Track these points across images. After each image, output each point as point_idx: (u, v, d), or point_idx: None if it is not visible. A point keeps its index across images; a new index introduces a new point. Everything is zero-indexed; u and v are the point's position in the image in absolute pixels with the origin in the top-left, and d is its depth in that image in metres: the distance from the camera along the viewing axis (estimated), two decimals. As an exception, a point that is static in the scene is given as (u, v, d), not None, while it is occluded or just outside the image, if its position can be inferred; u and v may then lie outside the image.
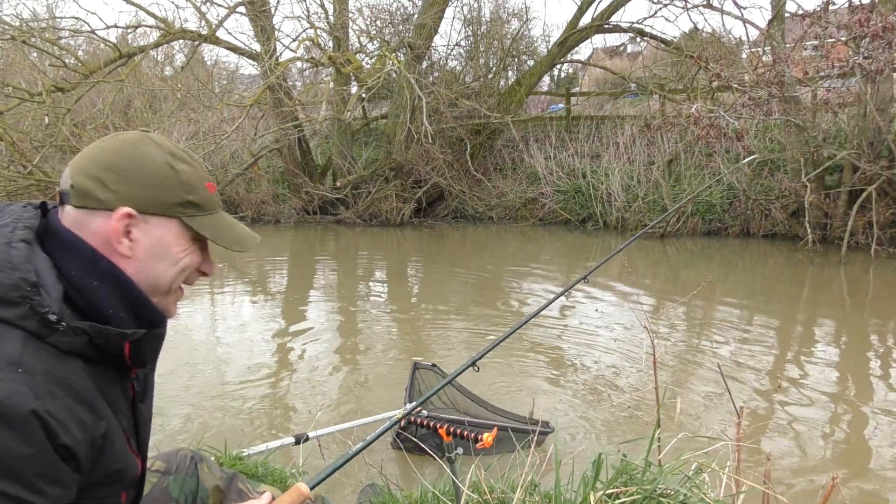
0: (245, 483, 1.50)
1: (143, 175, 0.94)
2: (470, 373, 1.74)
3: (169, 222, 0.96)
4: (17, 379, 0.79)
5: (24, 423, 0.78)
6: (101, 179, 0.92)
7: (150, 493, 1.33)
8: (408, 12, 11.69)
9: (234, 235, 1.05)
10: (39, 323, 0.84)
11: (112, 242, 0.92)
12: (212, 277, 4.75)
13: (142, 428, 1.08)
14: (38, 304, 0.84)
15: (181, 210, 0.97)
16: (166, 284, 0.99)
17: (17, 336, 0.82)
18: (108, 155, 0.94)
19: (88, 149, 0.96)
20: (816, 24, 7.44)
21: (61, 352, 0.86)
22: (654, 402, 2.56)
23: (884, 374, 4.20)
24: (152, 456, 1.49)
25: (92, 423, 0.88)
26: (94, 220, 0.92)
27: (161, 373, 4.14)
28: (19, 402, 0.78)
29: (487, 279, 7.39)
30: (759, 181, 9.36)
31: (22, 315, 0.83)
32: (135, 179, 0.93)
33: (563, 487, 1.66)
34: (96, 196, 0.92)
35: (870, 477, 2.94)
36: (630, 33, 11.52)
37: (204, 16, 10.57)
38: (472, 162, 11.18)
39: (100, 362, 0.93)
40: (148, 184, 0.94)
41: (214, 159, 11.55)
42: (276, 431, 3.34)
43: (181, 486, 1.38)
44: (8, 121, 9.67)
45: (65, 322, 0.86)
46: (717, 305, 5.85)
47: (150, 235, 0.95)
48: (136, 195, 0.93)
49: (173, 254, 0.98)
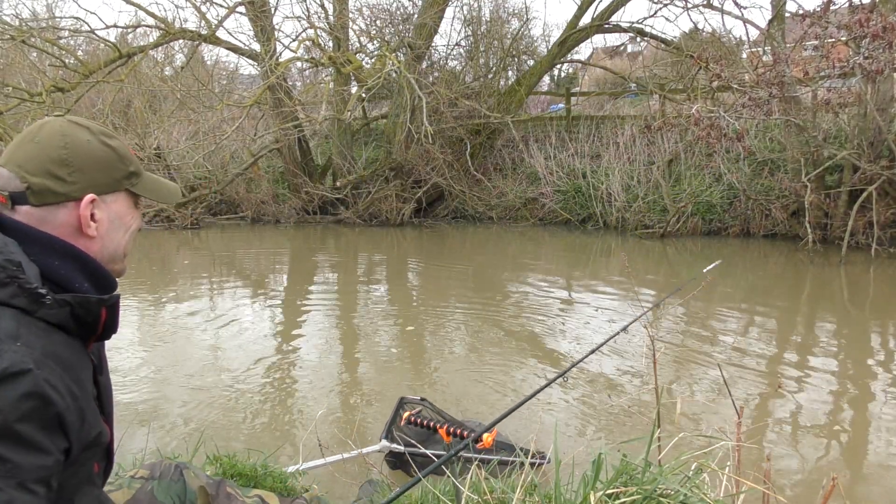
0: (235, 489, 1.51)
1: (92, 160, 1.01)
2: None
3: (120, 195, 1.06)
4: (18, 350, 0.84)
5: (27, 391, 0.83)
6: (56, 175, 0.97)
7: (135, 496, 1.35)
8: (408, 12, 11.70)
9: (166, 191, 1.15)
10: (29, 299, 0.89)
11: (81, 228, 1.00)
12: (211, 277, 4.73)
13: (105, 398, 1.13)
14: (25, 282, 0.89)
15: (127, 182, 1.07)
16: (122, 251, 1.09)
17: (10, 313, 0.87)
18: (51, 150, 0.98)
19: (23, 147, 0.99)
20: (816, 24, 7.44)
21: (49, 325, 0.92)
22: (654, 402, 2.56)
23: (884, 374, 4.20)
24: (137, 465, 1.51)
25: (77, 392, 0.93)
26: (58, 213, 0.98)
27: (160, 372, 4.14)
28: (23, 370, 0.83)
29: (488, 279, 7.39)
30: (759, 181, 9.36)
31: (12, 293, 0.88)
32: (87, 167, 1.00)
33: (563, 487, 1.66)
34: (57, 191, 0.97)
35: (870, 477, 2.93)
36: (630, 33, 11.51)
37: (204, 16, 10.57)
38: (472, 162, 11.18)
39: (73, 335, 0.98)
40: (96, 167, 1.01)
41: (214, 159, 11.56)
42: (276, 432, 3.34)
43: (167, 491, 1.41)
44: (8, 121, 9.67)
45: (50, 296, 0.91)
46: (717, 305, 5.85)
47: (108, 212, 1.04)
48: (93, 181, 1.01)
49: (126, 222, 1.08)
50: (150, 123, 11.61)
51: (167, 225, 10.82)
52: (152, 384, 3.97)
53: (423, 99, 9.25)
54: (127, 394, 3.77)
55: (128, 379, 4.02)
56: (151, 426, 3.33)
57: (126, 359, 4.37)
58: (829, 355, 4.61)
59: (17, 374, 0.82)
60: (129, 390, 3.83)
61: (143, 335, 4.95)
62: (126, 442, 3.03)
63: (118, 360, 4.31)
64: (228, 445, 3.03)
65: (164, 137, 11.94)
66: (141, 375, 4.11)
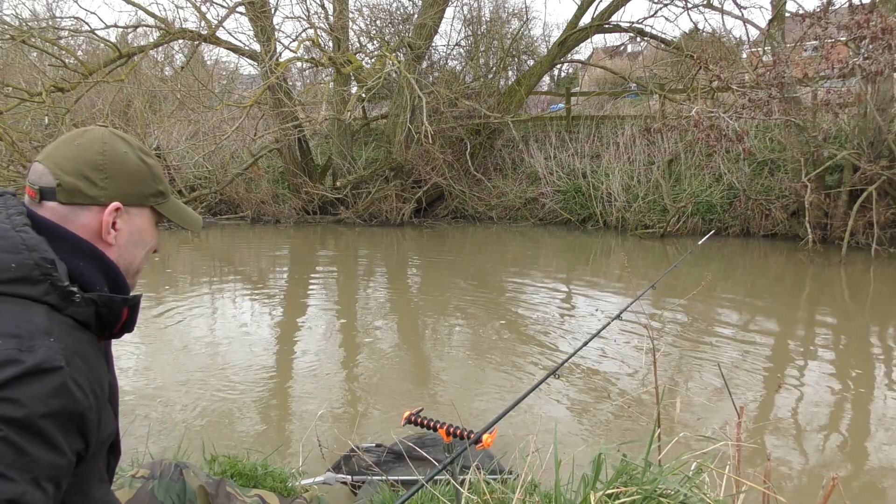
0: (234, 488, 1.51)
1: (126, 172, 1.04)
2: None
3: (144, 211, 1.09)
4: (52, 346, 0.86)
5: (56, 387, 0.85)
6: (89, 178, 1.00)
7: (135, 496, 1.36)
8: (408, 12, 11.70)
9: (189, 217, 1.20)
10: (60, 296, 0.92)
11: (101, 233, 1.02)
12: (211, 277, 4.75)
13: (114, 395, 1.14)
14: (58, 280, 0.92)
15: (154, 199, 1.09)
16: (137, 266, 1.11)
17: (42, 310, 0.90)
18: (89, 154, 1.02)
19: (62, 148, 1.03)
20: (816, 24, 7.44)
21: (76, 322, 0.95)
22: (654, 402, 2.56)
23: (884, 374, 4.20)
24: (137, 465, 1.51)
25: (100, 391, 0.95)
26: (82, 215, 1.00)
27: (160, 372, 4.14)
28: (55, 367, 0.85)
29: (488, 279, 7.39)
30: (759, 181, 9.36)
31: (45, 291, 0.91)
32: (119, 176, 1.03)
33: (563, 487, 1.66)
34: (86, 193, 1.00)
35: (870, 477, 2.93)
36: (630, 33, 11.51)
37: (204, 16, 10.56)
38: (472, 162, 11.18)
39: (95, 333, 1.01)
40: (128, 179, 1.04)
41: (214, 159, 11.55)
42: (276, 432, 3.34)
43: (167, 490, 1.42)
44: (8, 121, 9.66)
45: (79, 294, 0.94)
46: (717, 305, 5.85)
47: (130, 224, 1.06)
48: (122, 190, 1.03)
49: (146, 239, 1.10)
50: (150, 123, 11.61)
51: (167, 225, 10.79)
52: (151, 384, 3.97)
53: (423, 99, 9.25)
54: (126, 394, 3.76)
55: (127, 379, 4.01)
56: (150, 426, 3.33)
57: (125, 359, 4.37)
58: (829, 355, 4.62)
59: (49, 371, 0.84)
60: (128, 390, 3.82)
61: (142, 335, 4.95)
62: (124, 442, 3.03)
63: (117, 359, 4.31)
64: (228, 445, 3.03)
65: (164, 137, 11.93)
66: (139, 375, 4.11)
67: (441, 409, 3.53)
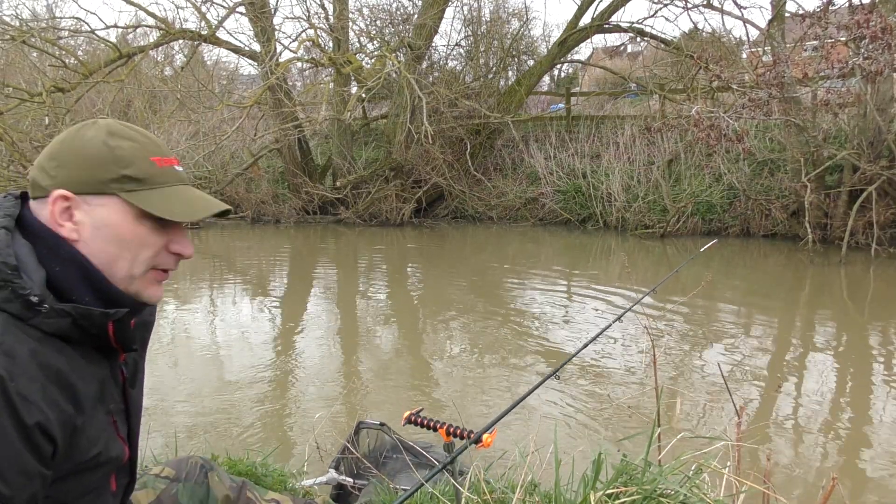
0: (253, 491, 1.49)
1: (77, 157, 0.94)
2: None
3: (109, 200, 0.95)
4: None
5: None
6: (44, 168, 0.95)
7: (158, 499, 1.32)
8: (408, 12, 11.71)
9: (185, 207, 0.99)
10: (22, 305, 0.86)
11: (54, 226, 0.93)
12: (211, 277, 4.72)
13: (132, 413, 1.08)
14: (20, 287, 0.86)
15: (118, 186, 0.94)
16: (125, 267, 0.97)
17: (0, 318, 0.85)
18: (54, 145, 0.96)
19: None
20: (816, 24, 7.44)
21: (45, 333, 0.88)
22: (654, 402, 2.55)
23: (884, 374, 4.20)
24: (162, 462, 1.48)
25: (66, 405, 0.88)
26: (43, 209, 0.94)
27: (160, 372, 4.14)
28: None
29: (487, 279, 7.39)
30: (759, 181, 9.35)
31: (5, 298, 0.85)
32: (70, 164, 0.94)
33: (563, 487, 1.66)
34: (41, 185, 0.94)
35: (870, 477, 2.93)
36: (630, 33, 11.51)
37: (204, 16, 10.57)
38: (472, 162, 11.17)
39: (85, 345, 0.94)
40: (81, 164, 0.94)
41: (214, 159, 11.56)
42: (276, 432, 3.34)
43: (190, 495, 1.37)
44: (8, 121, 9.66)
45: (47, 304, 0.87)
46: (717, 305, 5.85)
47: (92, 216, 0.94)
48: (71, 177, 0.93)
49: (122, 235, 0.96)
50: (150, 124, 11.60)
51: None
52: (151, 384, 3.97)
53: (423, 99, 9.25)
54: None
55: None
56: (150, 426, 3.33)
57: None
58: (829, 355, 4.61)
59: None
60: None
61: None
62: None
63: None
64: (228, 445, 3.03)
65: (164, 138, 11.91)
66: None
67: (441, 409, 3.53)
